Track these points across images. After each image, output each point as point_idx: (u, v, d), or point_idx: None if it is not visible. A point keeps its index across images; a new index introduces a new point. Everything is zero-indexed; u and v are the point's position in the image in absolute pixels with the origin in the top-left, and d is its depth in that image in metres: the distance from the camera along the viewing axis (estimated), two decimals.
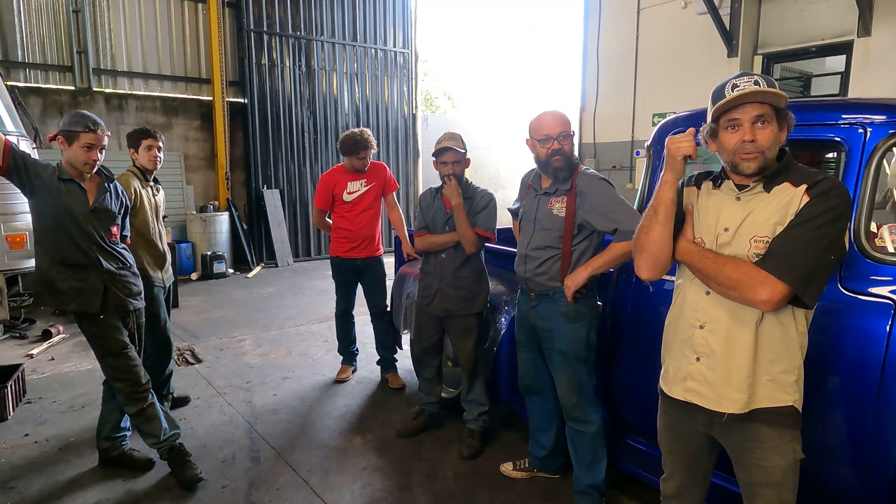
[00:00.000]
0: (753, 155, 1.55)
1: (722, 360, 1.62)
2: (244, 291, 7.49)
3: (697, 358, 1.67)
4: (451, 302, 3.10)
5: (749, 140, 1.54)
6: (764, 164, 1.56)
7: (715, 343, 1.64)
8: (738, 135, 1.56)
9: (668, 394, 1.76)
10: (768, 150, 1.55)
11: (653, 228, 1.69)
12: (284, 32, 9.48)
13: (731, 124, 1.57)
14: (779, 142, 1.57)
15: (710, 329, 1.65)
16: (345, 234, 4.03)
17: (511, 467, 2.99)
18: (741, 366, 1.60)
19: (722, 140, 1.61)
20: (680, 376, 1.72)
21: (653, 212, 1.70)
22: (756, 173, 1.58)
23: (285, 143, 9.65)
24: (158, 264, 3.45)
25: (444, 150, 3.03)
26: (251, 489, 2.86)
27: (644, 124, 8.32)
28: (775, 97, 1.52)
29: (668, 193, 1.66)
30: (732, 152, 1.58)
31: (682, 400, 1.72)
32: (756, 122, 1.54)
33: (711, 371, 1.64)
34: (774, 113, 1.55)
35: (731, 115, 1.56)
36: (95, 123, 2.65)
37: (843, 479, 1.96)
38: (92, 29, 8.06)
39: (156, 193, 3.51)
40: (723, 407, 1.62)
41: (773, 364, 1.59)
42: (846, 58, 6.54)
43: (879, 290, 1.88)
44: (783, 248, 1.51)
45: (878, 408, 1.83)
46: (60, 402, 3.88)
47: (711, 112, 1.60)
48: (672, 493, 1.89)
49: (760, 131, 1.54)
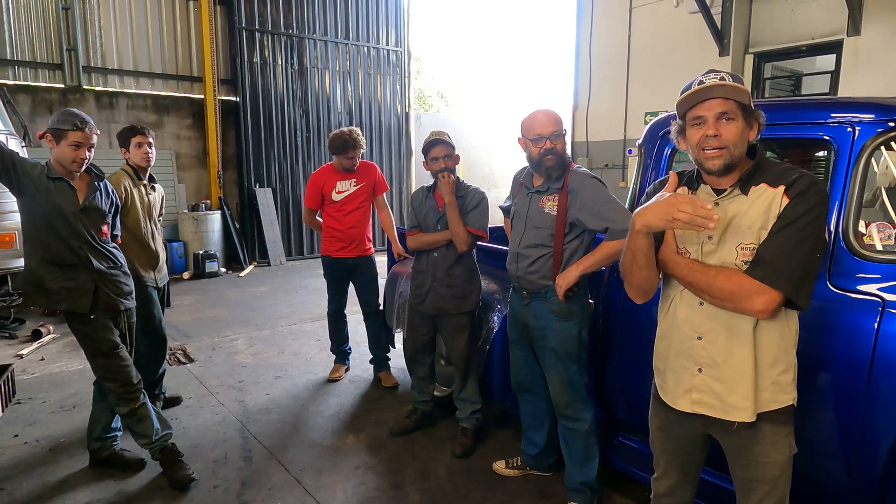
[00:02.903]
0: (717, 151, 1.53)
1: (725, 370, 1.61)
2: (236, 290, 7.46)
3: (700, 369, 1.65)
4: (444, 301, 3.10)
5: (712, 135, 1.52)
6: (730, 162, 1.54)
7: (716, 353, 1.62)
8: (702, 130, 1.55)
9: (674, 407, 1.72)
10: (734, 146, 1.53)
11: (637, 272, 1.65)
12: (276, 30, 9.43)
13: (697, 121, 1.56)
14: (746, 139, 1.56)
15: (708, 339, 1.63)
16: (335, 234, 4.03)
17: (504, 465, 3.00)
18: (744, 374, 1.59)
19: (688, 136, 1.60)
20: (683, 388, 1.69)
21: (631, 257, 1.63)
22: (722, 172, 1.56)
23: (278, 142, 9.61)
24: (151, 264, 3.41)
25: (433, 144, 3.03)
26: (243, 489, 2.85)
27: (636, 123, 8.35)
28: (737, 92, 1.51)
29: (643, 242, 1.58)
30: (697, 148, 1.57)
31: (690, 412, 1.68)
32: (720, 119, 1.53)
33: (717, 381, 1.62)
34: (741, 110, 1.53)
35: (696, 111, 1.55)
36: (84, 122, 2.63)
37: (832, 474, 1.98)
38: (82, 26, 7.99)
39: (149, 192, 3.46)
40: (733, 416, 1.60)
41: (773, 367, 1.59)
42: (836, 57, 6.59)
43: (868, 287, 1.90)
44: (772, 255, 1.50)
45: (867, 404, 1.84)
46: (51, 403, 3.85)
47: (677, 107, 1.60)
48: (664, 491, 1.89)
49: (725, 127, 1.53)
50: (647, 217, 1.52)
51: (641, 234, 1.56)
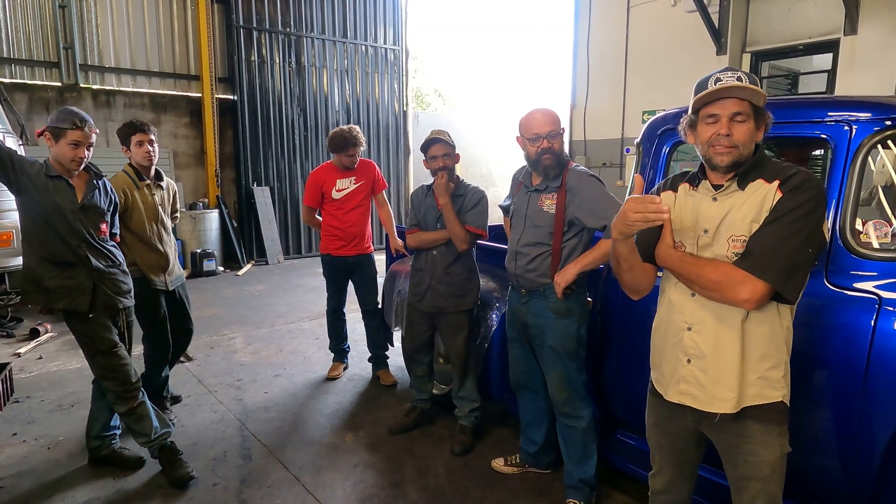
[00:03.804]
0: (727, 149, 1.56)
1: (712, 361, 1.63)
2: (234, 289, 7.45)
3: (688, 360, 1.68)
4: (442, 299, 3.11)
5: (724, 134, 1.56)
6: (738, 160, 1.57)
7: (703, 344, 1.64)
8: (714, 128, 1.58)
9: (664, 397, 1.76)
10: (743, 146, 1.56)
11: (627, 275, 1.76)
12: (274, 29, 9.42)
13: (711, 119, 1.59)
14: (755, 140, 1.59)
15: (697, 330, 1.66)
16: (334, 232, 4.03)
17: (502, 463, 3.01)
18: (730, 365, 1.61)
19: (699, 132, 1.63)
20: (674, 379, 1.72)
21: (615, 262, 1.74)
22: (729, 168, 1.59)
23: (275, 141, 9.60)
24: (160, 266, 3.29)
25: (432, 142, 3.04)
26: (243, 487, 2.86)
27: (634, 121, 8.37)
28: (755, 94, 1.54)
29: (622, 248, 1.70)
30: (707, 145, 1.60)
31: (676, 403, 1.72)
32: (734, 118, 1.56)
33: (702, 372, 1.65)
34: (753, 111, 1.56)
35: (711, 109, 1.58)
36: (83, 120, 2.62)
37: (829, 470, 1.99)
38: (79, 24, 7.96)
39: (154, 192, 3.29)
40: (715, 407, 1.63)
41: (761, 361, 1.61)
42: (833, 56, 6.61)
43: (864, 285, 1.91)
44: (760, 246, 1.52)
45: (863, 400, 1.86)
46: (49, 401, 3.85)
47: (692, 102, 1.62)
48: (661, 488, 1.91)
49: (737, 127, 1.56)
50: (617, 225, 1.63)
51: (619, 241, 1.68)
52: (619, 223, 1.61)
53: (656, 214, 1.52)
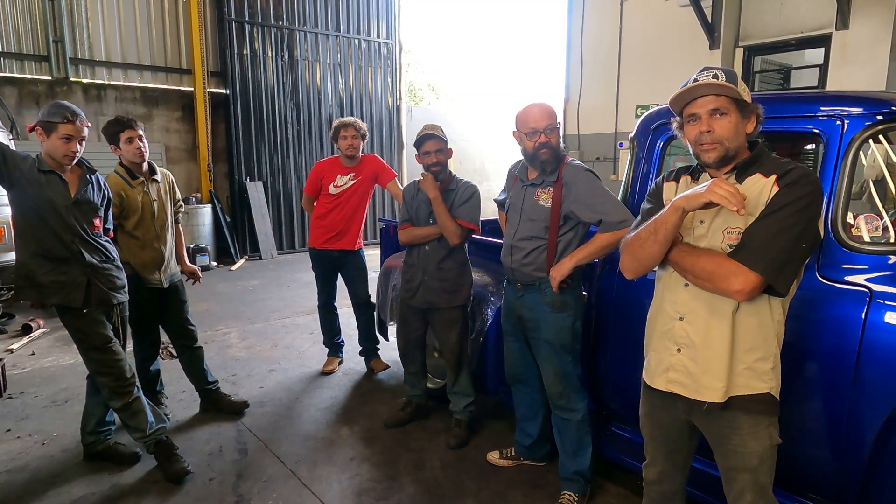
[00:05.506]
0: (711, 146, 1.60)
1: (701, 351, 1.66)
2: (228, 284, 7.43)
3: (678, 349, 1.70)
4: (434, 294, 3.11)
5: (705, 130, 1.60)
6: (724, 155, 1.61)
7: (694, 334, 1.67)
8: (696, 126, 1.63)
9: (651, 385, 1.79)
10: (727, 140, 1.59)
11: (650, 246, 1.67)
12: (266, 22, 9.36)
13: (692, 118, 1.64)
14: (742, 132, 1.62)
15: (689, 320, 1.68)
16: (322, 224, 4.04)
17: (498, 456, 3.03)
18: (719, 355, 1.63)
19: (686, 133, 1.68)
20: (662, 368, 1.75)
21: (653, 229, 1.65)
22: (718, 163, 1.63)
23: (268, 135, 9.55)
24: (154, 264, 3.26)
25: (425, 139, 3.04)
26: (239, 481, 2.86)
27: (627, 116, 8.38)
28: (723, 89, 1.57)
29: (674, 218, 1.60)
30: (695, 143, 1.65)
31: (665, 391, 1.75)
32: (714, 115, 1.59)
33: (692, 361, 1.67)
34: (735, 105, 1.59)
35: (690, 109, 1.64)
36: (74, 114, 2.60)
37: (819, 461, 2.02)
38: (69, 17, 7.88)
39: (148, 188, 3.22)
40: (703, 396, 1.66)
41: (749, 353, 1.63)
42: (825, 50, 6.63)
43: (856, 278, 1.94)
44: (754, 239, 1.54)
45: (854, 392, 1.88)
46: (43, 397, 3.83)
47: (670, 106, 1.69)
48: (654, 478, 1.93)
49: (717, 122, 1.59)
50: (691, 197, 1.56)
51: (678, 211, 1.59)
52: (694, 195, 1.55)
53: (737, 202, 1.46)
